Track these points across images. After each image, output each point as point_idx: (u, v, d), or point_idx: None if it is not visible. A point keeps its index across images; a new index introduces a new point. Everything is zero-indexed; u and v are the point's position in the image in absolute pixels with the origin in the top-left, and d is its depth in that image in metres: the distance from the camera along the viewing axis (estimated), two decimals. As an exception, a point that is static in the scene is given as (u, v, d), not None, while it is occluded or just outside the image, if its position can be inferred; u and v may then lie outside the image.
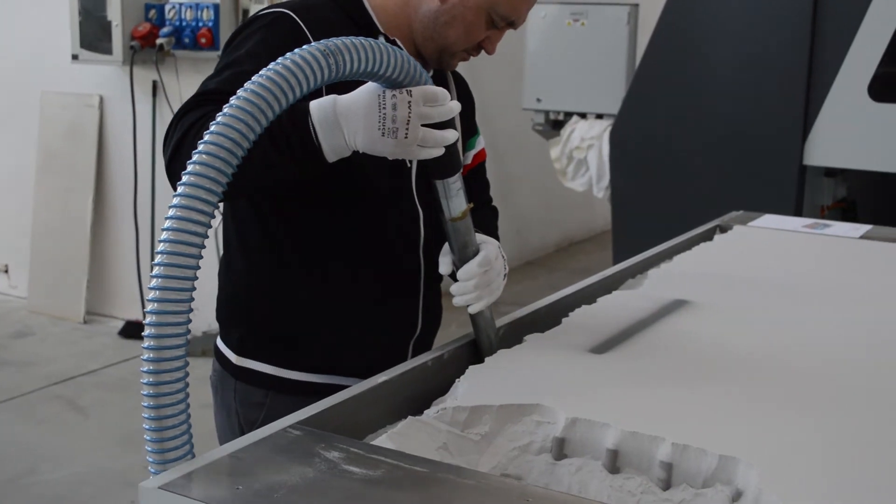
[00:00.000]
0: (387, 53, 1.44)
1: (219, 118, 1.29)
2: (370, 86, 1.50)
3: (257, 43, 1.73)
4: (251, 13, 5.12)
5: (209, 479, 1.23)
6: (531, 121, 5.15)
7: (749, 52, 4.13)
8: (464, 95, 1.99)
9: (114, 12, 5.32)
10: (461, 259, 1.71)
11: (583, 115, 4.96)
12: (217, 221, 1.42)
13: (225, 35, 5.21)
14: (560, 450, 1.44)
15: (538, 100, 5.07)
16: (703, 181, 4.29)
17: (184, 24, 5.27)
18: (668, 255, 2.54)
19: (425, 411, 1.52)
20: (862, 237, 2.79)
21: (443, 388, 1.62)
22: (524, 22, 1.88)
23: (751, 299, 2.14)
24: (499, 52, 1.94)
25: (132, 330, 5.64)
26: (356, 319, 1.86)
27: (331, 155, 1.54)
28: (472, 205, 1.68)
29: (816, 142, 4.02)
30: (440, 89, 1.52)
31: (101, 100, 5.85)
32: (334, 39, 1.39)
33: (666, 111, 4.34)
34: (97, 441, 4.41)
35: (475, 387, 1.56)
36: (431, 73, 1.88)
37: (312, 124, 1.51)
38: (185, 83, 5.46)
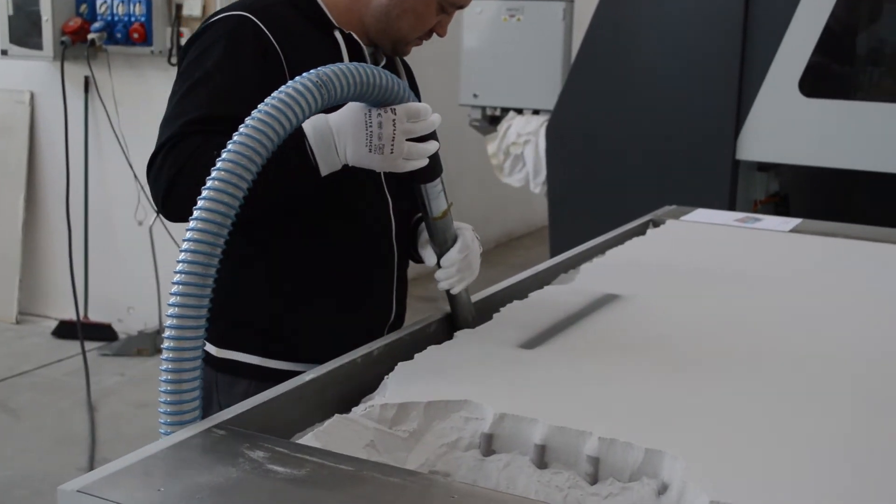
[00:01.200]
0: (372, 76, 1.52)
1: (225, 154, 1.36)
2: (356, 105, 1.60)
3: (224, 54, 1.77)
4: (184, 7, 5.12)
5: (130, 482, 1.21)
6: (468, 116, 5.14)
7: (682, 48, 4.16)
8: (412, 81, 2.07)
9: (44, 7, 5.22)
10: (442, 250, 1.85)
11: (519, 111, 4.97)
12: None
13: (158, 30, 5.15)
14: (488, 446, 1.44)
15: (475, 95, 5.07)
16: (638, 176, 4.31)
17: (116, 18, 5.19)
18: (600, 249, 2.55)
19: (353, 409, 1.51)
20: (791, 231, 2.82)
21: (374, 386, 1.61)
22: (469, 3, 1.94)
23: (681, 293, 2.16)
24: (435, 48, 1.95)
25: (66, 330, 5.56)
26: (336, 306, 1.92)
27: (325, 170, 1.65)
28: (451, 203, 1.82)
29: (749, 137, 4.06)
30: (422, 106, 1.62)
31: (32, 96, 5.75)
32: (324, 69, 1.47)
33: (601, 106, 4.36)
34: (29, 443, 4.33)
35: (404, 384, 1.56)
36: (384, 63, 1.95)
37: (309, 145, 1.62)
38: (117, 79, 5.38)
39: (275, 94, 1.43)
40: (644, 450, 1.34)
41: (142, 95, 5.36)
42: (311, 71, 1.46)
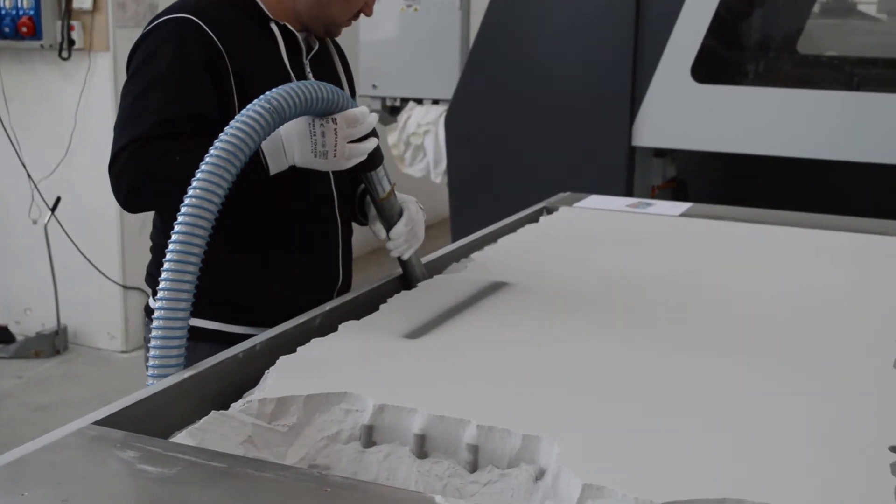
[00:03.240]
0: (315, 92, 1.72)
1: (194, 184, 1.57)
2: (302, 117, 1.79)
3: (173, 56, 1.93)
4: (73, 0, 4.99)
5: (-6, 486, 1.18)
6: (368, 107, 5.11)
7: (576, 36, 4.19)
8: (343, 59, 2.27)
9: (-72, 1, 5.06)
10: (390, 224, 2.06)
11: (419, 101, 4.96)
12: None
13: (48, 24, 5.00)
14: (369, 437, 1.43)
15: (374, 86, 5.04)
16: (537, 164, 4.34)
17: (3, 12, 5.04)
18: (493, 238, 2.56)
19: (232, 404, 1.49)
20: (681, 215, 2.87)
21: (257, 380, 1.59)
22: None
23: (570, 280, 2.17)
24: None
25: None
26: (287, 274, 2.08)
27: (273, 171, 1.86)
28: (395, 184, 2.04)
29: (643, 124, 4.11)
30: (360, 111, 1.84)
31: (-82, 93, 5.58)
32: (274, 94, 1.66)
33: (498, 95, 4.37)
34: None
35: (285, 377, 1.54)
36: (317, 48, 2.13)
37: (263, 155, 1.83)
38: (6, 74, 5.23)
39: (235, 121, 1.63)
40: (522, 436, 1.35)
41: (33, 91, 5.22)
42: (264, 96, 1.66)
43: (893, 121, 3.76)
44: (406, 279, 2.14)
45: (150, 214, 2.15)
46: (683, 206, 2.97)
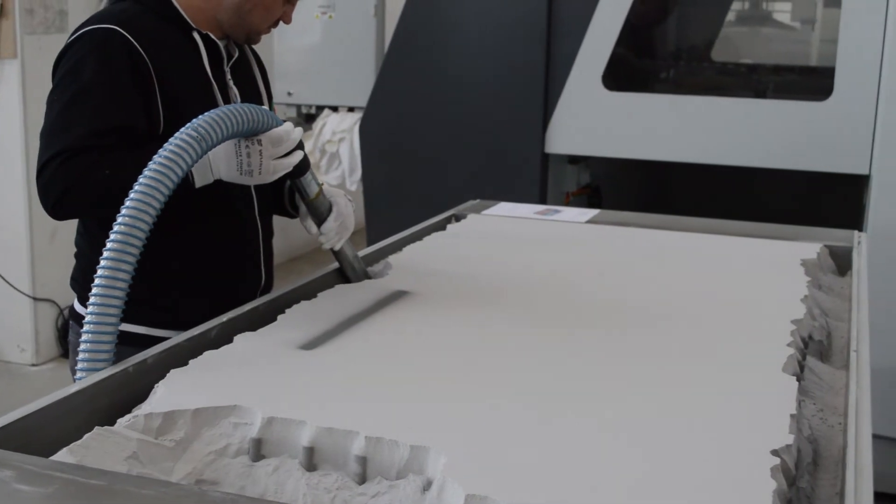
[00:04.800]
0: (240, 115, 1.79)
1: (127, 205, 1.64)
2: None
3: (99, 66, 1.97)
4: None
5: None
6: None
7: (489, 44, 4.20)
8: (261, 66, 2.33)
9: None
10: (320, 220, 2.13)
11: (334, 109, 4.94)
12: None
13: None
14: (257, 451, 1.42)
15: (289, 93, 5.01)
16: (452, 172, 4.34)
17: None
18: (398, 246, 2.56)
19: (119, 420, 1.46)
20: (588, 221, 2.89)
21: (148, 394, 1.57)
22: None
23: (470, 288, 2.17)
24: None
25: None
26: (211, 277, 2.15)
27: (199, 184, 1.93)
28: (322, 184, 2.14)
29: (556, 131, 4.14)
30: (283, 130, 1.90)
31: None
32: (201, 121, 1.73)
33: (412, 103, 4.37)
34: None
35: (174, 391, 1.52)
36: (236, 55, 2.19)
37: (191, 173, 1.90)
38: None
39: (164, 149, 1.69)
40: (410, 447, 1.34)
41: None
42: (192, 123, 1.72)
43: (803, 127, 3.83)
44: (342, 270, 2.25)
45: (63, 225, 2.16)
46: (591, 212, 3.00)
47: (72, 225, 2.21)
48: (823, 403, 1.73)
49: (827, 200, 4.21)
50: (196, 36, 2.09)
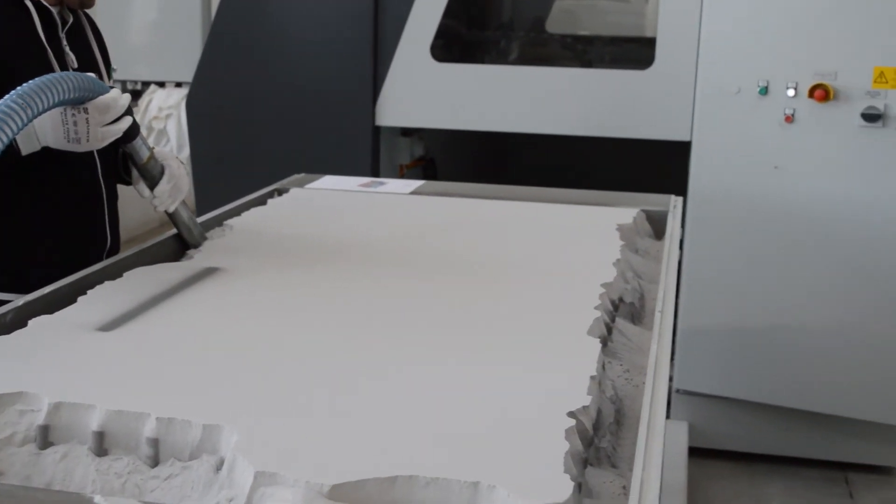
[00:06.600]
0: (66, 83, 1.77)
1: None
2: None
3: None
4: None
5: None
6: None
7: (316, 15, 4.14)
8: (97, 34, 2.29)
9: None
10: (153, 184, 2.15)
11: (161, 84, 4.81)
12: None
13: None
14: (45, 438, 1.36)
15: (114, 69, 4.84)
16: (281, 147, 4.27)
17: None
18: (218, 221, 2.50)
19: None
20: (412, 193, 2.88)
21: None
22: None
23: (281, 264, 2.14)
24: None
25: None
26: (56, 239, 2.14)
27: (25, 152, 1.92)
28: (153, 148, 2.17)
29: (386, 103, 4.11)
30: (110, 97, 1.90)
31: None
32: (25, 89, 1.69)
33: (240, 77, 4.28)
34: None
35: (-43, 380, 1.44)
36: (71, 21, 2.15)
37: (15, 140, 1.85)
38: None
39: None
40: (202, 426, 1.31)
41: None
42: (17, 90, 1.68)
43: (628, 96, 3.90)
44: (179, 234, 2.28)
45: None
46: (415, 183, 2.99)
47: None
48: (630, 364, 1.76)
49: (660, 167, 4.30)
50: (28, 3, 2.05)
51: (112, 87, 1.95)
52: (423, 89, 4.08)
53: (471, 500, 1.17)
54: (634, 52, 4.79)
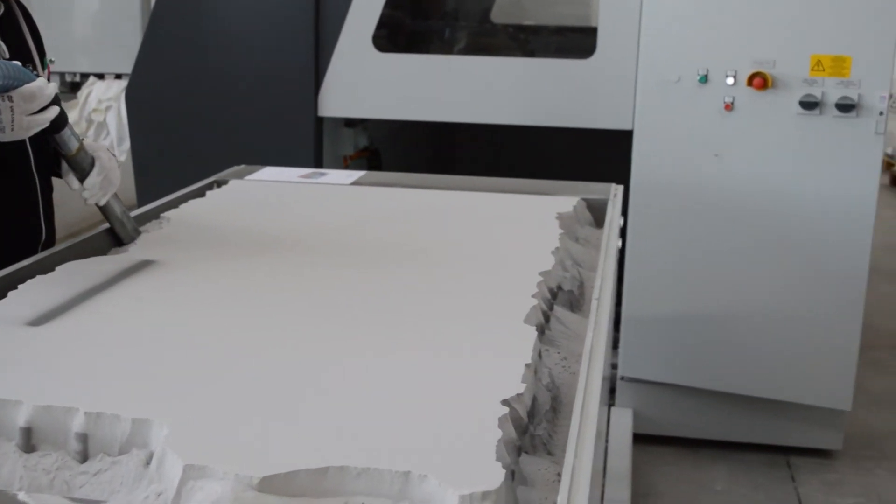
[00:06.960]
0: None
1: None
2: None
3: None
4: None
5: None
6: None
7: (257, 5, 4.10)
8: (30, 22, 2.26)
9: None
10: (83, 176, 2.13)
11: (100, 76, 4.74)
12: None
13: None
14: (-30, 436, 1.33)
15: (51, 60, 4.76)
16: (225, 138, 4.23)
17: None
18: (154, 214, 2.47)
19: None
20: (353, 183, 2.87)
21: None
22: None
23: (217, 255, 2.11)
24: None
25: None
26: None
27: None
28: (83, 140, 2.14)
29: (329, 94, 4.08)
30: (36, 86, 1.87)
31: None
32: None
33: (180, 67, 4.23)
34: None
35: None
36: (2, 10, 2.12)
37: None
38: None
39: None
40: (132, 420, 1.29)
41: None
42: None
43: (570, 85, 3.90)
44: (111, 227, 2.24)
45: None
46: (356, 174, 2.97)
47: None
48: (568, 352, 1.77)
49: (606, 156, 4.31)
50: None
51: (38, 77, 1.91)
52: (366, 80, 4.06)
53: (402, 489, 1.17)
54: (577, 41, 4.80)
